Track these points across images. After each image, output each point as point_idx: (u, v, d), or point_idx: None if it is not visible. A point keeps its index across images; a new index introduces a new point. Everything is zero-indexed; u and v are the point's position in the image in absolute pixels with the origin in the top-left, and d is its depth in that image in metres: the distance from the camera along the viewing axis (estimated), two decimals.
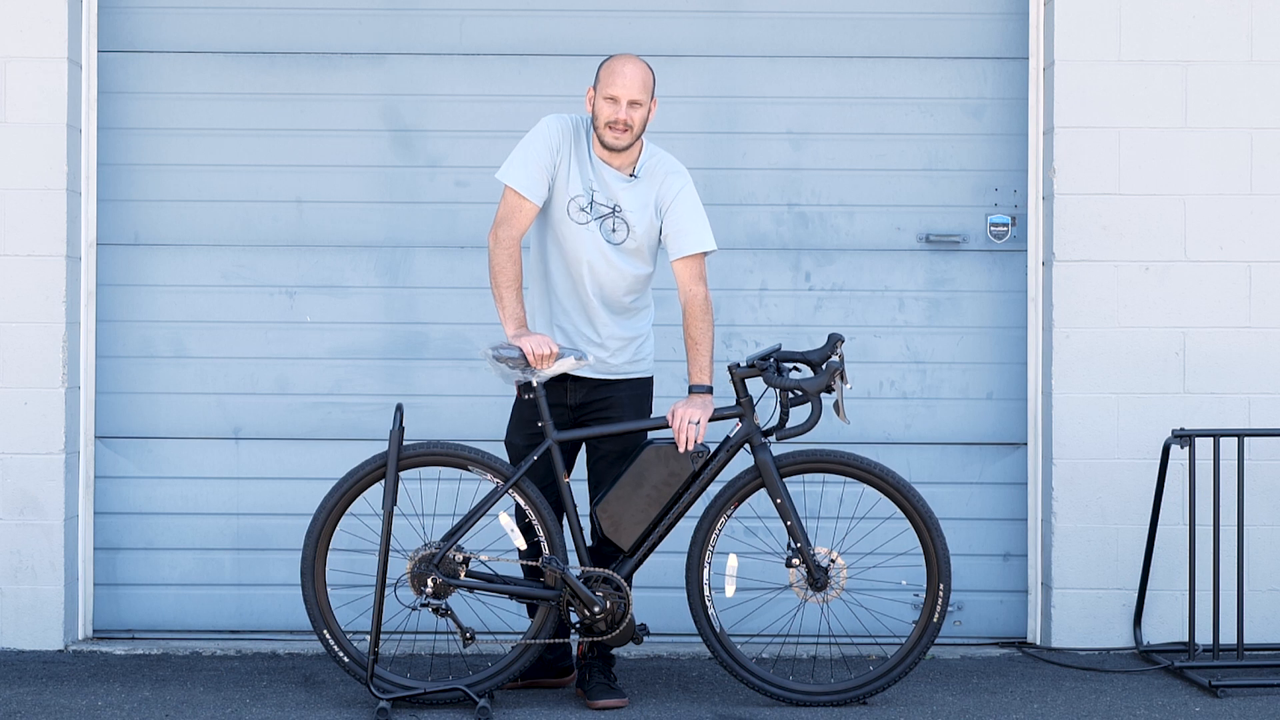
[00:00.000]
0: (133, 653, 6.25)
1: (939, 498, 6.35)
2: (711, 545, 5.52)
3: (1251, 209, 6.33)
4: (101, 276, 6.45)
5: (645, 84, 5.42)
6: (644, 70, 5.45)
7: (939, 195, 6.53)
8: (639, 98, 5.40)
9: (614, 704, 5.48)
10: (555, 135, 5.48)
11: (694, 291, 5.49)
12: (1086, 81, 6.31)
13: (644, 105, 5.43)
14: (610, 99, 5.40)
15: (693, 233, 5.51)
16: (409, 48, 6.50)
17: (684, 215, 5.51)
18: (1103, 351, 6.31)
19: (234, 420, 6.47)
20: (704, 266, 5.53)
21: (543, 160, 5.44)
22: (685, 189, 5.53)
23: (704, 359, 5.49)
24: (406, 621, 5.64)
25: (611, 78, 5.41)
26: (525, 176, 5.43)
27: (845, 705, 5.51)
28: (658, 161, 5.54)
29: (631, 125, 5.41)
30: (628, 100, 5.38)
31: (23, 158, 6.24)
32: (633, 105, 5.39)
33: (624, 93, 5.38)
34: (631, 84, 5.39)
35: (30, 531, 6.23)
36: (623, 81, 5.39)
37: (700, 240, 5.51)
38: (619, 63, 5.44)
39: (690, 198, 5.54)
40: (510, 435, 5.60)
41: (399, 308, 6.49)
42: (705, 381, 5.49)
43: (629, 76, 5.40)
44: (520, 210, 5.45)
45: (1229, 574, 6.11)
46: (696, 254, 5.50)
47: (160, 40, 6.48)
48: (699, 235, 5.52)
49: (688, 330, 5.49)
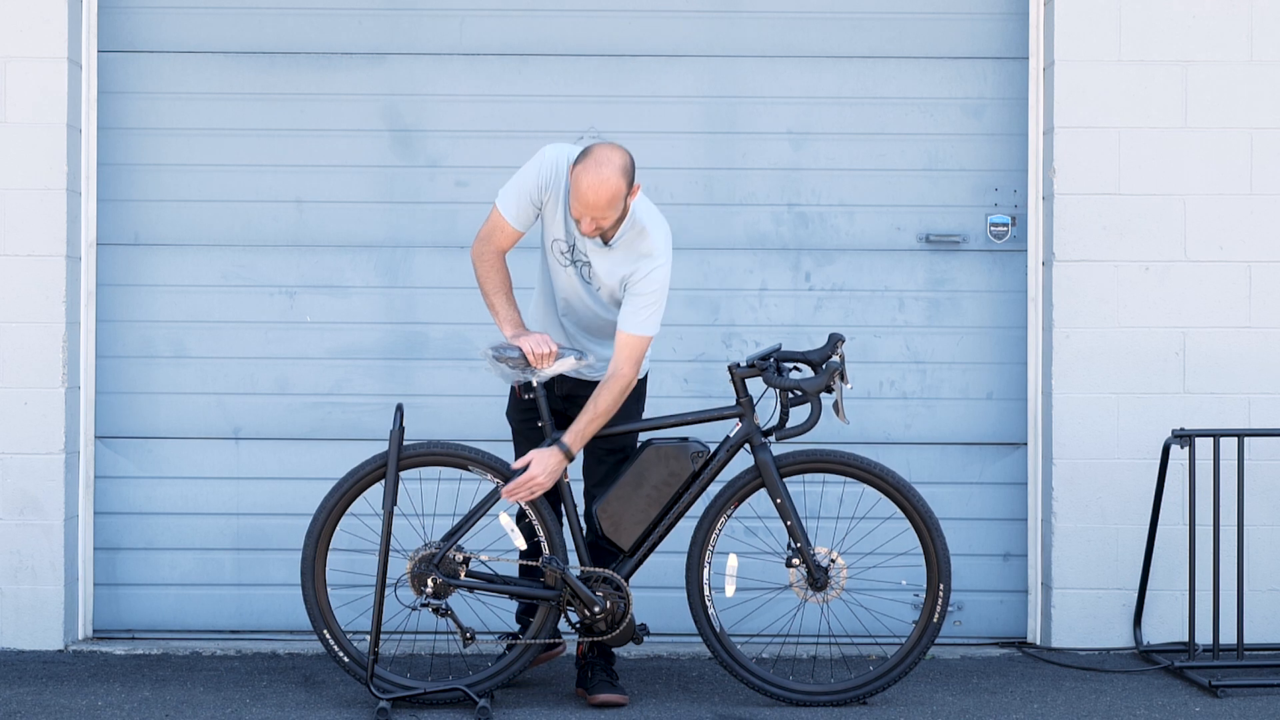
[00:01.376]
0: (133, 653, 6.25)
1: (939, 498, 6.35)
2: (711, 545, 5.52)
3: (1251, 209, 6.33)
4: (101, 276, 6.45)
5: (612, 201, 5.18)
6: (611, 189, 5.16)
7: (939, 195, 6.53)
8: (601, 216, 5.21)
9: (614, 700, 5.48)
10: (548, 172, 5.35)
11: (622, 371, 5.33)
12: (1086, 81, 6.31)
13: (612, 216, 5.23)
14: (575, 210, 5.25)
15: (640, 317, 5.32)
16: (409, 48, 6.50)
17: (640, 299, 5.32)
18: (1103, 351, 6.31)
19: (234, 420, 6.47)
20: (643, 350, 5.36)
21: (530, 194, 5.37)
22: (653, 274, 5.32)
23: (588, 427, 5.35)
24: (406, 621, 5.64)
25: (576, 192, 5.19)
26: (513, 203, 5.39)
27: (845, 705, 5.51)
28: (639, 235, 5.35)
29: (601, 229, 5.26)
30: (591, 217, 5.22)
31: (23, 158, 6.24)
32: (598, 219, 5.22)
33: (586, 212, 5.20)
34: (594, 206, 5.18)
35: (30, 531, 6.23)
36: (585, 203, 5.18)
37: (644, 324, 5.32)
38: (586, 178, 5.17)
39: (654, 284, 5.32)
40: (509, 410, 5.64)
41: (399, 308, 6.49)
42: (570, 445, 5.35)
43: (592, 201, 5.17)
44: (502, 231, 5.43)
45: (1229, 574, 6.11)
46: (637, 335, 5.34)
47: (160, 40, 6.48)
48: (645, 320, 5.32)
49: (595, 393, 5.34)
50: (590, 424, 5.36)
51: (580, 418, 5.37)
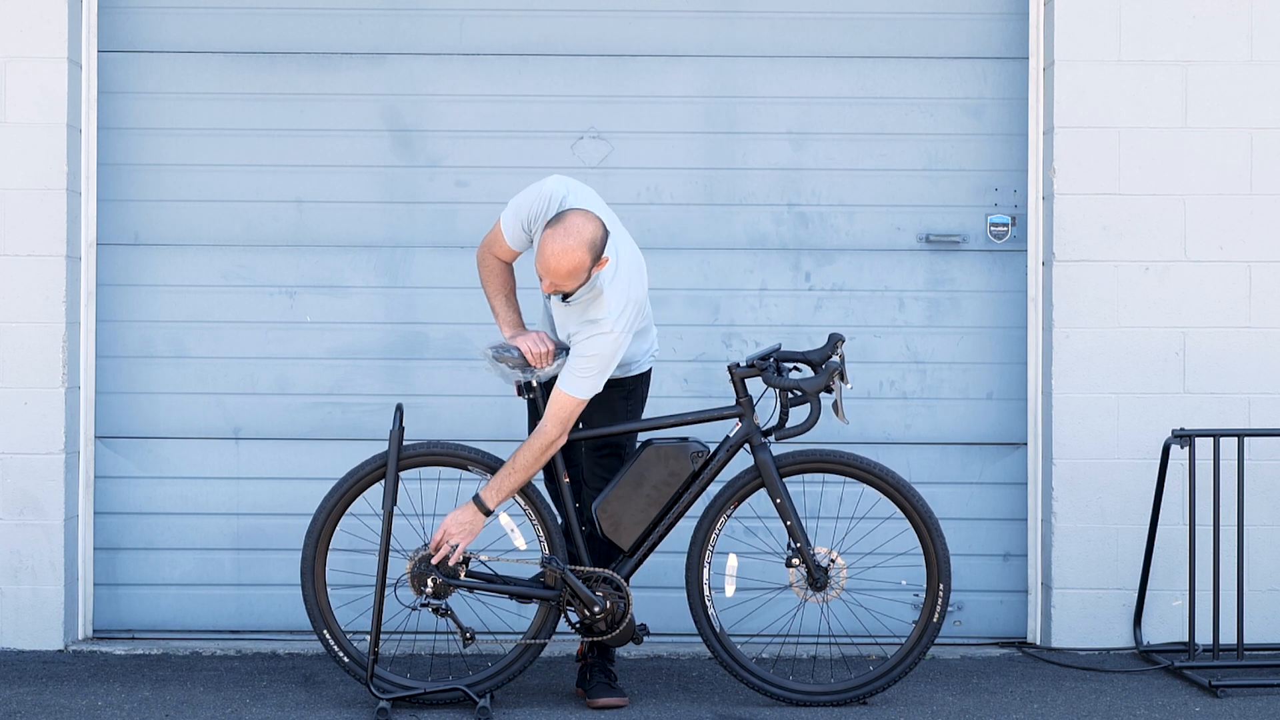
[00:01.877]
0: (133, 653, 6.25)
1: (939, 498, 6.35)
2: (711, 545, 5.52)
3: (1251, 209, 6.33)
4: (101, 276, 6.45)
5: (571, 273, 5.15)
6: (574, 262, 5.13)
7: (939, 195, 6.53)
8: (563, 286, 5.19)
9: (614, 703, 5.48)
10: (540, 208, 5.30)
11: (546, 429, 5.29)
12: (1086, 81, 6.31)
13: (570, 286, 5.19)
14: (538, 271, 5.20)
15: (573, 375, 5.27)
16: (409, 48, 6.50)
17: (577, 360, 5.27)
18: (1103, 351, 6.31)
19: (234, 420, 6.47)
20: (570, 412, 5.28)
21: (523, 221, 5.35)
22: (593, 339, 5.24)
23: (505, 482, 5.31)
24: (406, 621, 5.64)
25: (541, 255, 5.17)
26: (510, 224, 5.38)
27: (845, 705, 5.51)
28: (593, 301, 5.29)
29: (561, 290, 5.21)
30: (550, 280, 5.18)
31: (23, 158, 6.23)
32: (557, 285, 5.19)
33: (547, 275, 5.17)
34: (555, 273, 5.15)
35: (30, 531, 6.23)
36: (545, 266, 5.16)
37: (575, 385, 5.26)
38: (551, 245, 5.13)
39: (594, 349, 5.24)
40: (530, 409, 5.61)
41: (399, 308, 6.49)
42: (487, 501, 5.33)
43: (553, 268, 5.14)
44: (500, 244, 5.44)
45: (1229, 574, 6.11)
46: (566, 394, 5.27)
47: (160, 40, 6.48)
48: (578, 381, 5.26)
49: (517, 452, 5.31)
50: (508, 479, 5.32)
51: (500, 473, 5.34)
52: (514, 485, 5.34)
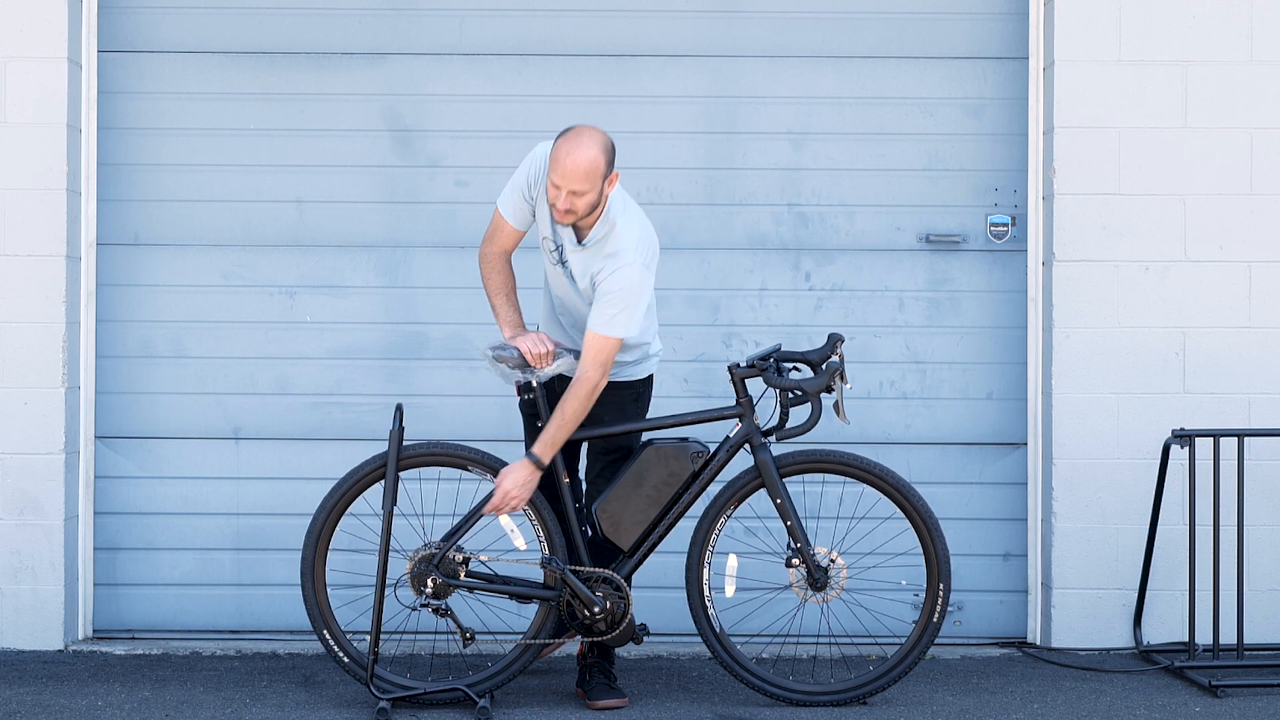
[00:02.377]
0: (133, 653, 6.25)
1: (939, 498, 6.35)
2: (711, 545, 5.52)
3: (1251, 209, 6.33)
4: (101, 276, 6.45)
5: (589, 173, 5.20)
6: (590, 157, 5.20)
7: (939, 195, 6.53)
8: (579, 188, 5.21)
9: (614, 704, 5.48)
10: (536, 169, 5.37)
11: (587, 374, 5.29)
12: (1086, 81, 6.31)
13: (587, 193, 5.22)
14: (553, 183, 5.24)
15: (605, 315, 5.28)
16: (409, 48, 6.50)
17: (606, 298, 5.28)
18: (1103, 351, 6.31)
19: (234, 420, 6.47)
20: (609, 354, 5.29)
21: (522, 190, 5.40)
22: (618, 273, 5.28)
23: (557, 434, 5.31)
24: (406, 621, 5.64)
25: (555, 162, 5.22)
26: (508, 201, 5.43)
27: (845, 705, 5.51)
28: (608, 235, 5.33)
29: (574, 210, 5.25)
30: (568, 190, 5.23)
31: (23, 158, 6.23)
32: (574, 194, 5.23)
33: (564, 182, 5.21)
34: (571, 175, 5.19)
35: (30, 531, 6.23)
36: (562, 171, 5.20)
37: (608, 324, 5.27)
38: (565, 147, 5.21)
39: (619, 283, 5.27)
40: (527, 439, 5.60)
41: (399, 308, 6.49)
42: (540, 455, 5.33)
43: (569, 168, 5.19)
44: (502, 230, 5.46)
45: (1229, 574, 6.11)
46: (601, 335, 5.30)
47: (160, 40, 6.48)
48: (610, 320, 5.27)
49: (563, 402, 5.30)
50: (558, 431, 5.32)
51: (548, 426, 5.34)
52: (564, 436, 5.33)
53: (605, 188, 5.29)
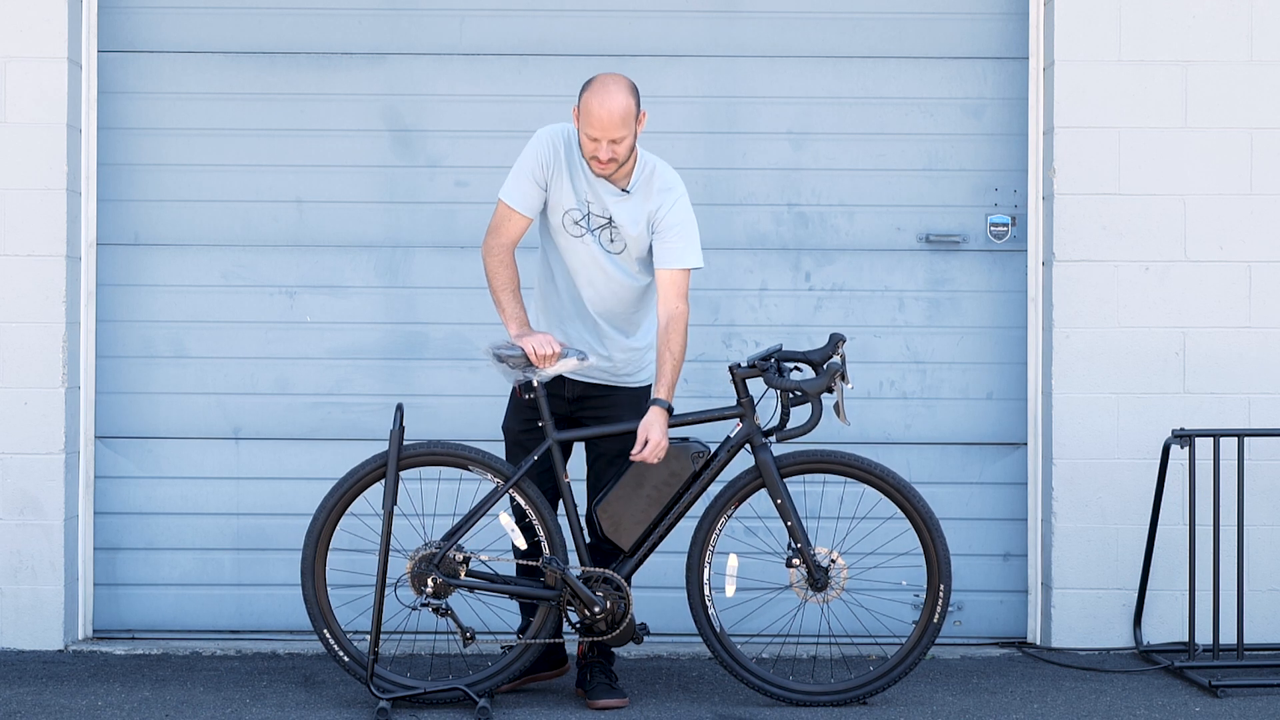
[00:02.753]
0: (133, 653, 6.25)
1: (939, 498, 6.35)
2: (712, 545, 5.52)
3: (1251, 209, 6.34)
4: (101, 276, 6.45)
5: (625, 118, 5.29)
6: (622, 103, 5.30)
7: (939, 195, 6.53)
8: (618, 135, 5.29)
9: (614, 704, 5.48)
10: (546, 149, 5.43)
11: (676, 308, 5.41)
12: (1086, 81, 6.31)
13: (626, 137, 5.32)
14: (590, 138, 5.31)
15: (677, 249, 5.42)
16: (409, 48, 6.50)
17: (672, 231, 5.42)
18: (1103, 351, 6.31)
19: (234, 420, 6.47)
20: (687, 283, 5.45)
21: (533, 174, 5.41)
22: (677, 205, 5.44)
23: (671, 375, 5.40)
24: (406, 621, 5.64)
25: (589, 116, 5.29)
26: (515, 190, 5.43)
27: (845, 705, 5.51)
28: (651, 174, 5.46)
29: (616, 157, 5.33)
30: (607, 140, 5.29)
31: (23, 158, 6.23)
32: (614, 142, 5.30)
33: (602, 133, 5.28)
34: (609, 124, 5.27)
35: (30, 531, 6.23)
36: (600, 123, 5.27)
37: (684, 257, 5.43)
38: (596, 98, 5.29)
39: (680, 214, 5.44)
40: (507, 420, 5.61)
41: (399, 308, 6.49)
42: (665, 397, 5.40)
43: (605, 118, 5.26)
44: (509, 220, 5.44)
45: (1229, 574, 6.11)
46: (680, 269, 5.43)
47: (160, 40, 6.48)
48: (683, 252, 5.43)
49: (663, 342, 5.40)
50: (674, 372, 5.41)
51: (662, 371, 5.40)
52: (679, 372, 5.43)
53: (638, 128, 5.38)
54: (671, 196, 5.44)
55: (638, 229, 5.43)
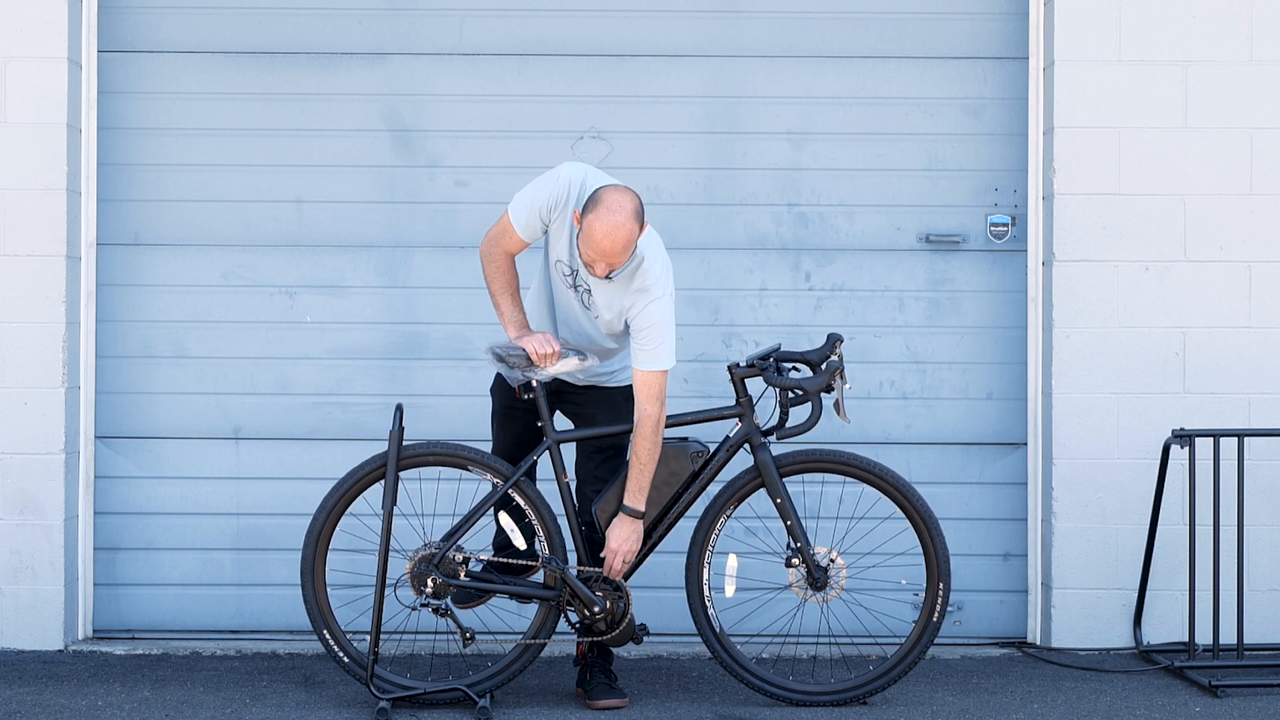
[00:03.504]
0: (133, 653, 6.25)
1: (939, 498, 6.35)
2: (711, 545, 5.52)
3: (1251, 209, 6.33)
4: (101, 276, 6.45)
5: (627, 246, 5.16)
6: (626, 234, 5.14)
7: (939, 195, 6.53)
8: (616, 262, 5.18)
9: (614, 704, 5.48)
10: (559, 194, 5.31)
11: (645, 411, 5.31)
12: (1086, 81, 6.31)
13: (625, 260, 5.20)
14: (589, 258, 5.19)
15: (649, 350, 5.30)
16: (409, 48, 6.50)
17: (644, 334, 5.30)
18: (1103, 351, 6.31)
19: (234, 420, 6.47)
20: (661, 387, 5.31)
21: (540, 210, 5.33)
22: (650, 307, 5.28)
23: (640, 479, 5.35)
24: (406, 621, 5.64)
25: (591, 241, 5.15)
26: (523, 215, 5.36)
27: (845, 705, 5.51)
28: (636, 270, 5.29)
29: (614, 267, 5.21)
30: (606, 262, 5.18)
31: (23, 158, 6.24)
32: (613, 265, 5.19)
33: (602, 258, 5.16)
34: (610, 253, 5.15)
35: (30, 531, 6.23)
36: (601, 252, 5.15)
37: (654, 359, 5.29)
38: (601, 226, 5.13)
39: (654, 317, 5.28)
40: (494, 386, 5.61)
41: (399, 308, 6.49)
42: (637, 506, 5.37)
43: (608, 249, 5.14)
44: (510, 236, 5.39)
45: (1229, 574, 6.11)
46: (651, 370, 5.31)
47: (160, 40, 6.48)
48: (654, 354, 5.29)
49: (633, 446, 5.35)
50: (641, 475, 5.35)
51: (630, 476, 5.35)
52: (647, 479, 5.36)
53: (641, 230, 5.25)
54: (646, 299, 5.29)
55: (611, 314, 5.38)
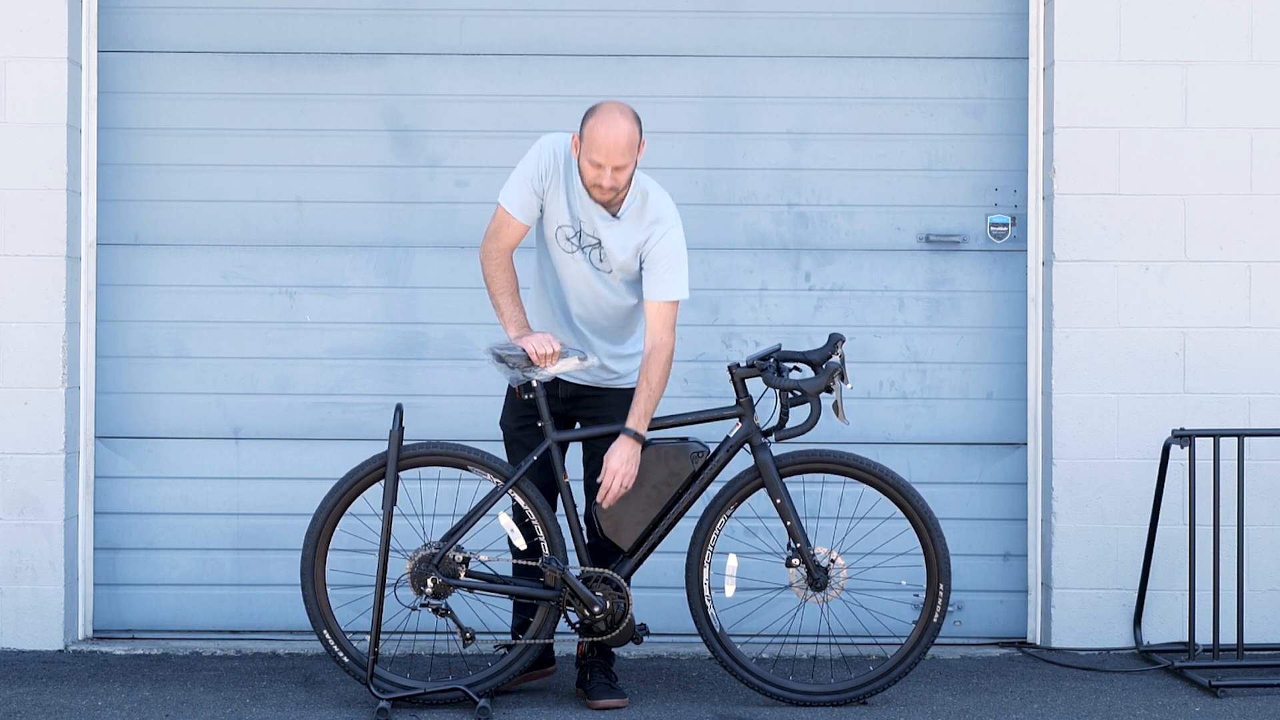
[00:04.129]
0: (133, 653, 6.25)
1: (939, 498, 6.35)
2: (711, 545, 5.52)
3: (1251, 209, 6.33)
4: (101, 276, 6.45)
5: (629, 145, 5.26)
6: (628, 129, 5.27)
7: (939, 195, 6.53)
8: (622, 162, 5.27)
9: (614, 704, 5.48)
10: (546, 160, 5.40)
11: (660, 339, 5.37)
12: (1086, 81, 6.31)
13: (628, 166, 5.30)
14: (594, 163, 5.28)
15: (665, 281, 5.38)
16: (409, 48, 6.50)
17: (661, 264, 5.39)
18: (1103, 351, 6.31)
19: (234, 420, 6.47)
20: (674, 315, 5.41)
21: (532, 182, 5.40)
22: (666, 237, 5.40)
23: (645, 405, 5.37)
24: (406, 621, 5.64)
25: (594, 142, 5.26)
26: (514, 196, 5.42)
27: (845, 705, 5.51)
28: (644, 203, 5.41)
29: (617, 185, 5.30)
30: (611, 167, 5.28)
31: (23, 158, 6.24)
32: (617, 169, 5.28)
33: (606, 160, 5.26)
34: (614, 151, 5.25)
35: (30, 531, 6.23)
36: (605, 149, 5.25)
37: (670, 289, 5.38)
38: (602, 125, 5.26)
39: (670, 246, 5.40)
40: (504, 417, 5.62)
41: (399, 308, 6.49)
42: (638, 428, 5.38)
43: (611, 145, 5.24)
44: (508, 226, 5.45)
45: (1229, 574, 6.11)
46: (666, 301, 5.40)
47: (160, 40, 6.48)
48: (670, 284, 5.39)
49: (643, 371, 5.38)
50: (649, 402, 5.38)
51: (637, 400, 5.38)
52: (654, 405, 5.40)
53: (638, 156, 5.36)
54: (661, 228, 5.40)
55: (625, 255, 5.42)
